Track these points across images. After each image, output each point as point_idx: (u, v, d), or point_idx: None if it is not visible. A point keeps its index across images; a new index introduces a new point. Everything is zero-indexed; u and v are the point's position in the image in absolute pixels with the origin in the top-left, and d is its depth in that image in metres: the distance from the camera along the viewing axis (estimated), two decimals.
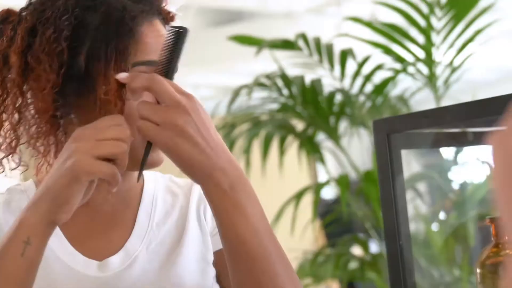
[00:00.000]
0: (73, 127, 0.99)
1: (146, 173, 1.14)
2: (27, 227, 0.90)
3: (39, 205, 0.91)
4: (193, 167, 0.93)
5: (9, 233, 0.91)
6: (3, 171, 1.04)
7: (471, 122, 1.26)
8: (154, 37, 1.01)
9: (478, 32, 2.81)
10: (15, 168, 1.04)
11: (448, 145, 2.15)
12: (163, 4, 1.05)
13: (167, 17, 1.06)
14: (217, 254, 1.11)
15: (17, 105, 1.00)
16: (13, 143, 1.01)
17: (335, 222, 3.61)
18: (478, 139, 1.50)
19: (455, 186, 3.01)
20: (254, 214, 0.95)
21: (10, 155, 1.02)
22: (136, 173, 1.06)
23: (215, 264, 1.11)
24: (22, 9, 1.02)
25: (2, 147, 1.02)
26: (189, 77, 6.53)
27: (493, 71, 7.37)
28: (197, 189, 1.14)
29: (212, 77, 6.92)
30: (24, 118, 1.01)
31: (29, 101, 1.00)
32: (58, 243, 1.03)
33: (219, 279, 1.11)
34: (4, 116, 1.01)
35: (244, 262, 0.95)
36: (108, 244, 1.06)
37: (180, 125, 0.91)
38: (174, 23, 1.07)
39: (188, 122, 0.92)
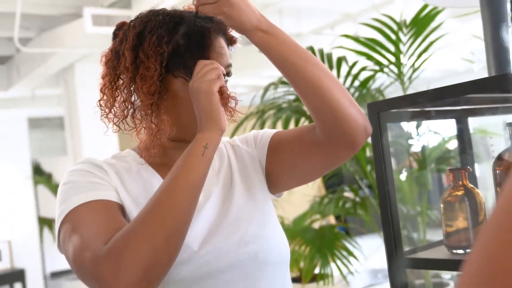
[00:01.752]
0: (165, 104, 0.99)
1: None
2: (205, 138, 0.92)
3: (208, 126, 0.93)
4: (242, 21, 0.97)
5: (189, 147, 0.93)
6: (118, 130, 1.03)
7: (435, 103, 1.24)
8: (219, 48, 1.01)
9: (430, 43, 2.81)
10: (129, 130, 1.03)
11: (417, 119, 2.13)
12: (229, 30, 1.05)
13: (230, 39, 1.06)
14: (270, 145, 1.09)
15: (130, 84, 0.99)
16: (125, 112, 1.01)
17: (332, 177, 3.62)
18: (437, 115, 1.48)
19: (417, 149, 3.00)
20: (288, 39, 0.99)
21: (126, 118, 1.02)
22: None
23: (272, 150, 1.08)
24: (132, 21, 1.02)
25: (117, 114, 1.01)
26: (230, 79, 6.55)
27: (439, 71, 7.31)
28: (228, 146, 1.13)
29: (246, 80, 6.93)
30: (133, 95, 1.00)
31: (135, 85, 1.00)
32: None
33: (281, 148, 1.07)
34: (117, 93, 1.01)
35: (295, 64, 0.97)
36: None
37: None
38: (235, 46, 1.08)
39: None
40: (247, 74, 6.46)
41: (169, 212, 0.86)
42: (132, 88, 0.99)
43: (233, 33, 1.06)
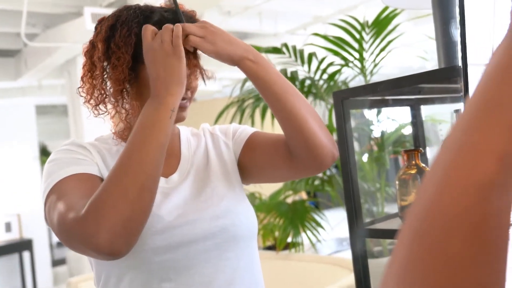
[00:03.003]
0: (135, 90, 0.95)
1: (178, 126, 1.09)
2: (173, 102, 0.87)
3: (173, 88, 0.88)
4: (230, 55, 0.92)
5: (155, 108, 0.87)
6: (97, 115, 0.99)
7: (390, 92, 1.23)
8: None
9: (389, 42, 2.80)
10: (103, 114, 0.99)
11: (377, 107, 2.13)
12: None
13: None
14: (247, 143, 1.05)
15: (103, 73, 0.95)
16: (101, 97, 0.97)
17: None
18: (394, 103, 1.48)
19: (377, 134, 3.01)
20: (273, 69, 0.95)
21: (100, 104, 0.97)
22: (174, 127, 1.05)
23: (248, 148, 1.05)
24: (109, 15, 0.98)
25: (96, 98, 0.97)
26: (217, 74, 6.51)
27: (397, 68, 7.33)
28: (207, 133, 1.10)
29: (230, 73, 6.89)
30: (105, 83, 0.96)
31: (109, 73, 0.95)
32: None
33: (257, 150, 1.04)
34: (95, 81, 0.96)
35: (277, 93, 0.94)
36: (168, 168, 1.01)
37: (217, 32, 0.92)
38: None
39: (218, 30, 0.93)
40: (231, 69, 6.45)
41: (140, 168, 0.82)
42: (105, 76, 0.95)
43: None
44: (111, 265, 0.93)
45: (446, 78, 1.01)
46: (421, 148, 1.21)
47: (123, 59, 0.92)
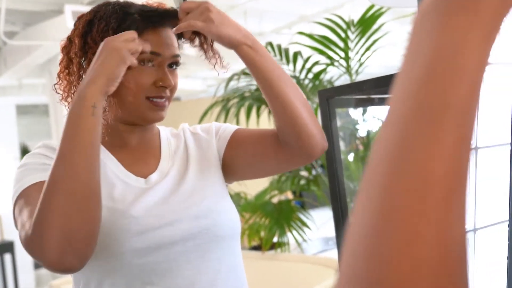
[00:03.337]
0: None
1: (157, 125, 1.07)
2: (92, 97, 0.81)
3: (97, 81, 0.83)
4: (230, 38, 0.92)
5: (77, 103, 0.82)
6: None
7: (376, 91, 1.23)
8: (165, 38, 0.95)
9: (374, 41, 2.80)
10: None
11: (362, 106, 2.13)
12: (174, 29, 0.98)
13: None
14: (231, 139, 1.04)
15: (80, 69, 0.93)
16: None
17: None
18: (379, 102, 1.48)
19: (363, 133, 3.02)
20: (270, 57, 0.96)
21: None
22: (152, 126, 1.03)
23: (232, 144, 1.04)
24: (88, 11, 0.97)
25: (72, 95, 0.94)
26: (200, 72, 6.47)
27: (384, 67, 7.37)
28: (188, 132, 1.08)
29: (215, 72, 6.87)
30: (82, 79, 0.93)
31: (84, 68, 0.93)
32: (117, 168, 0.96)
33: (242, 144, 1.03)
34: (72, 78, 0.94)
35: (272, 81, 0.94)
36: (148, 168, 0.99)
37: (220, 14, 0.92)
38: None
39: (221, 12, 0.93)
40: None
41: (73, 177, 0.77)
42: (81, 73, 0.93)
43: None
44: (90, 270, 0.91)
45: None
46: None
47: None
